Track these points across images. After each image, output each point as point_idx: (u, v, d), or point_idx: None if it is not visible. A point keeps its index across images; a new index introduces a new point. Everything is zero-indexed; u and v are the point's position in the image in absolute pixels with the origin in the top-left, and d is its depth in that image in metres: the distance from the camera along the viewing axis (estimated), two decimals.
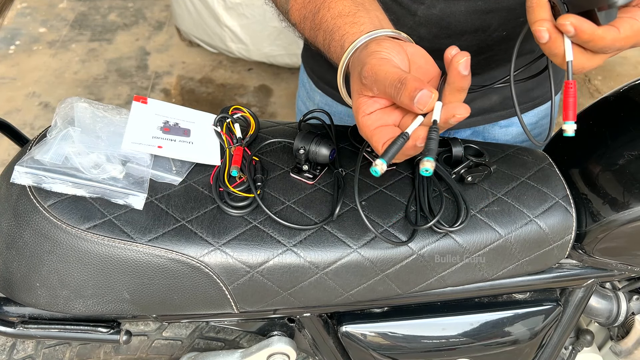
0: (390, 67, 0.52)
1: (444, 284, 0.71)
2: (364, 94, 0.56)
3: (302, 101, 1.04)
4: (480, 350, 0.81)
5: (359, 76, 0.55)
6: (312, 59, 0.97)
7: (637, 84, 0.80)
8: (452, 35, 0.75)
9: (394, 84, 0.51)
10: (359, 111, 0.56)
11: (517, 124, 0.94)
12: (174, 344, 0.81)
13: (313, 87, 0.98)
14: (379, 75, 0.52)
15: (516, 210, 0.71)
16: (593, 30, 0.52)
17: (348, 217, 0.67)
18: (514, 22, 0.75)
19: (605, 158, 0.74)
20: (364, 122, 0.55)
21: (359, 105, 0.56)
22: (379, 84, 0.52)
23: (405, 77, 0.51)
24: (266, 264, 0.64)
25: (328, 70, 0.93)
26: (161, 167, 0.68)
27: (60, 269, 0.62)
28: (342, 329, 0.77)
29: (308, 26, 0.67)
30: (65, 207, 0.62)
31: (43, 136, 0.68)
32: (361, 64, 0.55)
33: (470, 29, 0.75)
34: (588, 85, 2.65)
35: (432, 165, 0.50)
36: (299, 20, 0.68)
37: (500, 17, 0.74)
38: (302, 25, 0.68)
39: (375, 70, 0.52)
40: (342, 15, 0.62)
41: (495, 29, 0.75)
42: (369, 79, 0.53)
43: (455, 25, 0.75)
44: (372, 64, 0.53)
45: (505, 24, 0.75)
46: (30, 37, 2.83)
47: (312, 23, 0.66)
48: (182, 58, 2.73)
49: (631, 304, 0.90)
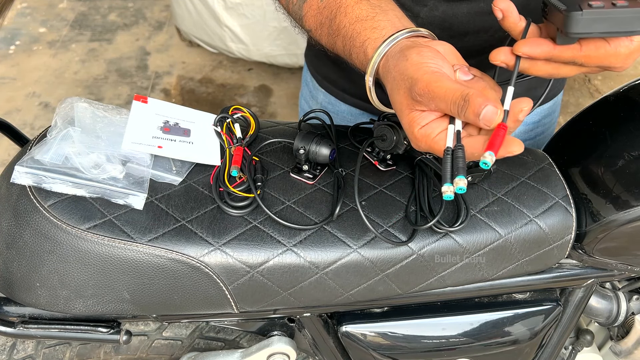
0: (448, 83, 0.50)
1: (444, 284, 0.71)
2: (417, 108, 0.54)
3: (305, 100, 1.04)
4: (480, 350, 0.81)
5: (409, 92, 0.53)
6: (315, 58, 0.97)
7: (637, 84, 0.80)
8: (454, 36, 0.75)
9: (456, 102, 0.49)
10: (414, 125, 0.54)
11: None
12: (174, 344, 0.81)
13: (316, 86, 0.98)
14: (437, 93, 0.50)
15: (516, 210, 0.71)
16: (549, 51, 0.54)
17: (348, 217, 0.67)
18: None
19: (605, 158, 0.74)
20: (422, 134, 0.53)
21: (413, 119, 0.54)
22: (438, 102, 0.51)
23: (468, 94, 0.49)
24: (266, 264, 0.64)
25: (332, 69, 0.93)
26: (161, 167, 0.68)
27: (61, 269, 0.62)
28: (342, 329, 0.77)
29: (325, 32, 0.65)
30: (66, 207, 0.62)
31: (43, 136, 0.68)
32: (408, 78, 0.53)
33: (473, 30, 0.75)
34: (588, 85, 2.65)
35: (465, 183, 0.51)
36: (315, 27, 0.67)
37: None
38: (319, 32, 0.66)
39: (431, 88, 0.50)
40: (361, 20, 0.61)
41: (497, 30, 0.75)
42: (425, 96, 0.51)
43: (458, 27, 0.75)
44: (426, 80, 0.51)
45: None
46: (30, 37, 2.83)
47: (330, 29, 0.64)
48: (182, 58, 2.73)
49: (631, 304, 0.90)
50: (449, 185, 0.52)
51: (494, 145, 0.50)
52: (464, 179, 0.51)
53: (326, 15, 0.64)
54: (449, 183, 0.52)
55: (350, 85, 0.92)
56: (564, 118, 2.14)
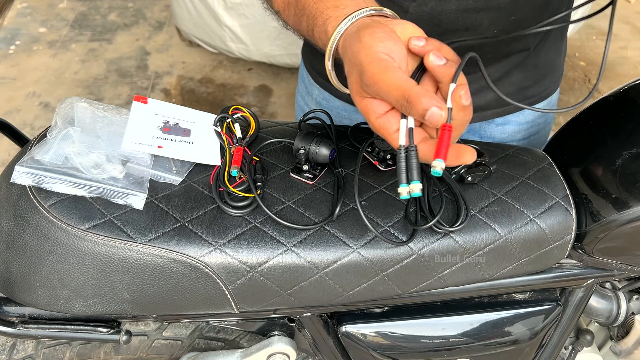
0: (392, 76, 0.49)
1: (444, 284, 0.71)
2: (368, 96, 0.53)
3: (301, 96, 1.04)
4: (480, 350, 0.81)
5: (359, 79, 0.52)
6: (311, 53, 0.97)
7: (637, 84, 0.80)
8: (443, 33, 0.75)
9: (399, 101, 0.48)
10: (370, 112, 0.53)
11: (513, 122, 0.94)
12: (174, 344, 0.81)
13: (312, 81, 0.99)
14: (381, 87, 0.49)
15: (516, 210, 0.71)
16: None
17: (348, 217, 0.67)
18: (504, 20, 0.76)
19: (605, 158, 0.74)
20: (380, 124, 0.52)
21: (367, 106, 0.53)
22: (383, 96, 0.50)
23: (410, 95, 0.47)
24: (266, 263, 0.64)
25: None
26: (161, 167, 0.68)
27: (61, 269, 0.62)
28: (342, 329, 0.77)
29: (292, 12, 0.64)
30: (66, 207, 0.62)
31: (43, 136, 0.68)
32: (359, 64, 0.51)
33: (462, 27, 0.75)
34: (588, 86, 2.65)
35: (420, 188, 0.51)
36: (283, 8, 0.65)
37: (491, 16, 0.74)
38: (287, 12, 0.65)
39: (376, 80, 0.49)
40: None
41: (486, 28, 0.75)
42: (372, 87, 0.50)
43: (447, 24, 0.75)
44: (372, 71, 0.49)
45: (496, 23, 0.75)
46: (30, 37, 2.83)
47: (296, 9, 0.63)
48: (182, 58, 2.73)
49: (631, 304, 0.90)
50: (404, 186, 0.52)
51: (440, 151, 0.49)
52: (419, 184, 0.51)
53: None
54: (405, 184, 0.52)
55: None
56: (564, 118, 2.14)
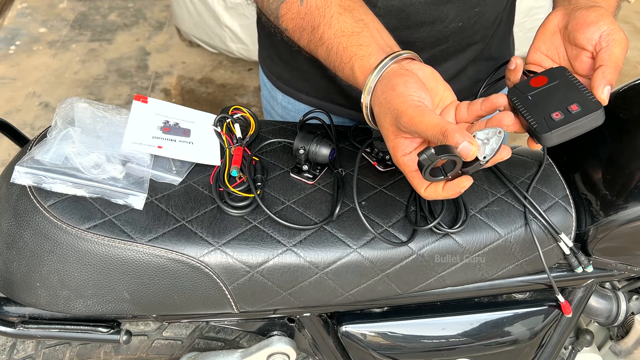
0: (429, 118, 0.54)
1: (444, 284, 0.71)
2: (402, 136, 0.58)
3: (266, 100, 1.04)
4: (480, 350, 0.81)
5: (394, 122, 0.57)
6: (268, 59, 0.96)
7: (637, 84, 0.80)
8: (411, 26, 0.76)
9: (436, 137, 0.54)
10: (397, 150, 0.59)
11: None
12: (174, 344, 0.81)
13: (273, 86, 0.98)
14: (419, 127, 0.55)
15: (516, 210, 0.71)
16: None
17: (348, 217, 0.67)
18: (469, 12, 0.77)
19: (605, 158, 0.74)
20: (405, 162, 0.58)
21: (397, 145, 0.58)
22: (420, 134, 0.56)
23: (446, 130, 0.53)
24: (266, 263, 0.64)
25: (285, 69, 0.92)
26: (161, 167, 0.68)
27: (61, 269, 0.62)
28: (342, 329, 0.77)
29: (306, 38, 0.67)
30: (66, 207, 0.62)
31: (43, 136, 0.68)
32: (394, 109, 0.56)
33: (429, 20, 0.76)
34: None
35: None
36: (293, 29, 0.68)
37: (457, 8, 0.76)
38: (298, 35, 0.68)
39: (414, 123, 0.55)
40: (346, 35, 0.63)
41: (452, 20, 0.77)
42: (409, 129, 0.56)
43: (415, 17, 0.76)
44: (410, 115, 0.55)
45: (461, 15, 0.77)
46: (30, 37, 2.83)
47: (311, 36, 0.66)
48: (182, 58, 2.73)
49: (631, 304, 0.90)
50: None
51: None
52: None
53: (308, 21, 0.66)
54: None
55: (304, 83, 0.91)
56: None
